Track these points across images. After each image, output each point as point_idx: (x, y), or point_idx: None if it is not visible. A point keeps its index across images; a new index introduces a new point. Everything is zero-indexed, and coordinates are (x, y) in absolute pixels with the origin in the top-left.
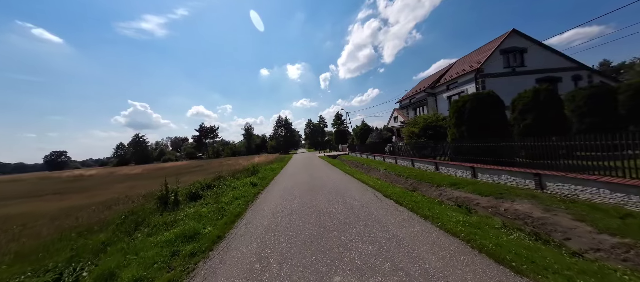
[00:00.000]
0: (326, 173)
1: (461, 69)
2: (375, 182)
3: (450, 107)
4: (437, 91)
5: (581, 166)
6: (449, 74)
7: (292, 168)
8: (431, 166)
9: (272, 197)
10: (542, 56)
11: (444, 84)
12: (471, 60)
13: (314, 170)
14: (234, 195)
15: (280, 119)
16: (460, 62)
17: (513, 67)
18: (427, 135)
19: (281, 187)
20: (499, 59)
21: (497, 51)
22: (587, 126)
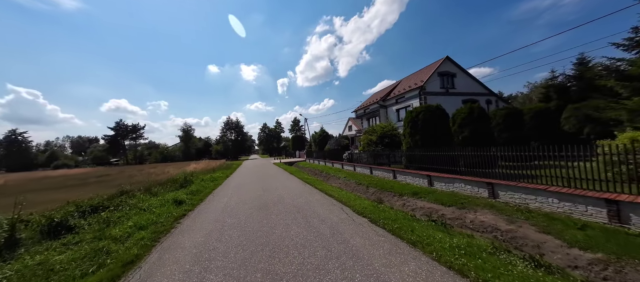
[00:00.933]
0: (283, 183)
1: (407, 86)
2: (339, 193)
3: (405, 117)
4: (388, 104)
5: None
6: (397, 90)
7: (240, 177)
8: (389, 174)
9: (203, 223)
10: (466, 82)
11: (393, 98)
12: (415, 79)
13: (268, 179)
14: (139, 222)
15: (230, 121)
16: (406, 80)
17: (447, 88)
18: (384, 143)
19: (221, 204)
20: (437, 80)
21: (435, 73)
22: (504, 140)
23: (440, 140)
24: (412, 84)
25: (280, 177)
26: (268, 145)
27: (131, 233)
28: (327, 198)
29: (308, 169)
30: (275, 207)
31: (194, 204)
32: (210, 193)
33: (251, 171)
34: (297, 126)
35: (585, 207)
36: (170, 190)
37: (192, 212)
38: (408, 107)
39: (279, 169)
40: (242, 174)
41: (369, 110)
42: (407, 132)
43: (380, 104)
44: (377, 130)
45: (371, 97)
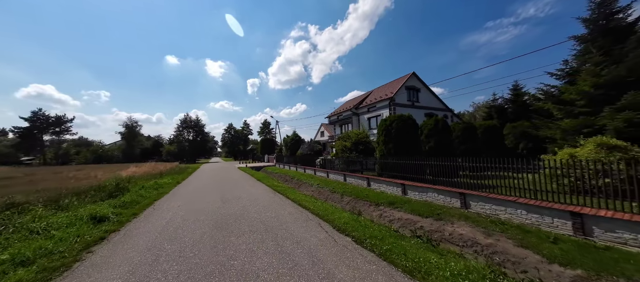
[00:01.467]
0: (248, 191)
1: (379, 96)
2: (314, 204)
3: (379, 125)
4: (360, 112)
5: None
6: (369, 99)
7: (195, 183)
8: (363, 182)
9: (129, 252)
10: (429, 97)
11: (365, 107)
12: (385, 90)
13: (230, 186)
14: (21, 254)
15: (188, 119)
16: (377, 91)
17: (412, 101)
18: (358, 150)
19: (162, 222)
20: (404, 92)
21: (403, 87)
22: (461, 151)
23: (411, 149)
24: (383, 95)
25: (244, 184)
26: (233, 147)
27: (3, 272)
28: (301, 211)
29: (278, 174)
30: (236, 225)
31: (123, 221)
32: (150, 205)
33: (210, 176)
34: (267, 129)
35: (552, 219)
36: (91, 201)
37: (115, 235)
38: (379, 116)
39: (244, 175)
40: (198, 179)
41: (342, 116)
42: (381, 140)
43: (353, 111)
44: (352, 136)
45: (344, 104)
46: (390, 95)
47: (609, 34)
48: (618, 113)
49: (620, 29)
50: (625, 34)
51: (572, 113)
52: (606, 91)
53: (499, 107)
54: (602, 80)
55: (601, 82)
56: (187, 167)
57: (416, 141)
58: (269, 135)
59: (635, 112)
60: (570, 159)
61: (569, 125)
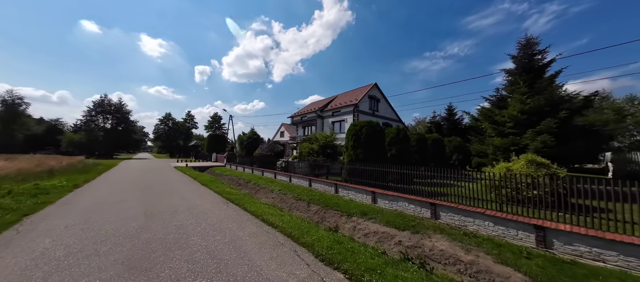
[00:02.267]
0: (189, 201)
1: (344, 102)
2: (279, 217)
3: (348, 130)
4: (325, 115)
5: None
6: (334, 103)
7: (107, 187)
8: (331, 188)
9: None
10: (386, 108)
11: (330, 110)
12: (350, 97)
13: (162, 194)
14: None
15: (107, 102)
16: (342, 96)
17: (373, 110)
18: (326, 153)
19: (23, 261)
20: (367, 101)
21: (366, 95)
22: (415, 160)
23: (379, 156)
24: (348, 101)
25: (184, 189)
26: (170, 142)
27: None
28: (266, 230)
29: (229, 177)
30: (167, 262)
31: None
32: (11, 226)
33: (132, 178)
34: (216, 123)
35: (517, 232)
36: None
37: None
38: (343, 121)
39: (183, 177)
40: (112, 181)
41: (307, 118)
42: (350, 145)
43: (318, 114)
44: (320, 139)
45: (309, 105)
46: (355, 102)
47: (531, 71)
48: (537, 135)
49: (538, 67)
50: (541, 72)
51: (503, 133)
52: (529, 117)
53: (436, 123)
54: (527, 107)
55: (526, 109)
56: (98, 164)
57: (383, 148)
58: (219, 131)
59: (549, 136)
60: (507, 172)
61: (500, 143)
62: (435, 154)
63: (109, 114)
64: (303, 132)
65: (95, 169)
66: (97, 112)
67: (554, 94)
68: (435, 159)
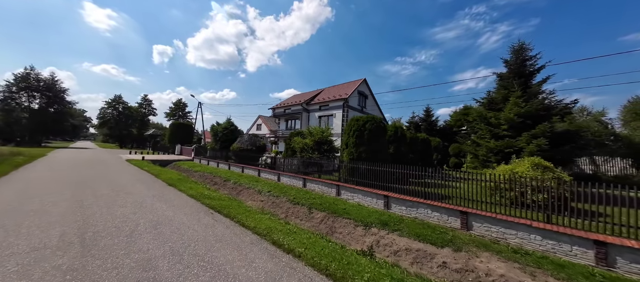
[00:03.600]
0: (153, 213)
1: (332, 95)
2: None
3: (348, 125)
4: (311, 109)
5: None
6: (321, 97)
7: (17, 190)
8: (330, 189)
9: None
10: (373, 105)
11: (317, 104)
12: (339, 91)
13: (107, 204)
14: None
15: (31, 77)
16: (329, 90)
17: (361, 107)
18: (322, 150)
19: None
20: (356, 96)
21: (356, 90)
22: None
23: (382, 154)
24: (337, 95)
25: (143, 192)
26: (120, 130)
27: None
28: (286, 263)
29: (201, 174)
30: None
31: None
32: None
33: (65, 176)
34: (180, 111)
35: (570, 247)
36: None
37: None
38: (331, 116)
39: (140, 173)
40: (32, 180)
41: (290, 111)
42: (351, 142)
43: (304, 107)
44: (315, 134)
45: (292, 97)
46: (345, 97)
47: (522, 75)
48: (533, 139)
49: (529, 73)
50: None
51: (498, 135)
52: (524, 120)
53: (415, 123)
54: (523, 110)
55: (523, 112)
56: (17, 154)
57: (386, 146)
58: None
59: (545, 139)
60: (512, 175)
61: (494, 145)
62: (423, 154)
63: (37, 92)
64: (286, 125)
65: (11, 161)
66: (19, 88)
67: (549, 99)
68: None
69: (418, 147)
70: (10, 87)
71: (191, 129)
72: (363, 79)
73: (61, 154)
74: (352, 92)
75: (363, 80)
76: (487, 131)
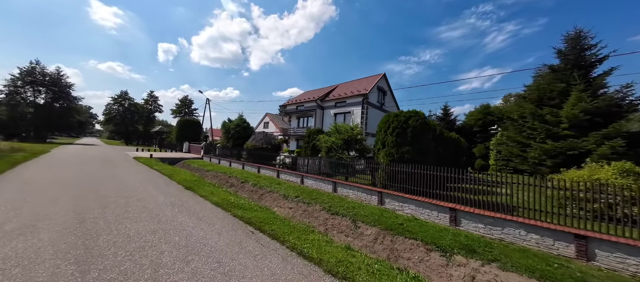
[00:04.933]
0: (175, 231)
1: (349, 91)
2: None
3: (385, 122)
4: (326, 105)
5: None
6: (336, 93)
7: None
8: (370, 197)
9: None
10: (391, 102)
11: (332, 100)
12: (357, 86)
13: (115, 216)
14: None
15: (37, 71)
16: (345, 86)
17: (381, 104)
18: (355, 150)
19: None
20: (376, 92)
21: (375, 86)
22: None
23: (428, 156)
24: (354, 91)
25: (157, 197)
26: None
27: None
28: None
29: (214, 173)
30: None
31: None
32: None
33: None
34: (187, 108)
35: None
36: None
37: None
38: (348, 113)
39: (149, 172)
40: (26, 181)
41: (303, 108)
42: (390, 141)
43: (318, 103)
44: (343, 132)
45: (305, 94)
46: (364, 92)
47: (582, 66)
48: (605, 140)
49: (591, 63)
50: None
51: (557, 135)
52: (593, 117)
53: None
54: (591, 106)
55: (590, 108)
56: (18, 150)
57: (431, 146)
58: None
59: (622, 140)
60: (595, 183)
61: (552, 146)
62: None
63: (42, 86)
64: (297, 123)
65: (9, 158)
66: (25, 82)
67: (623, 93)
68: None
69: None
70: (15, 81)
71: (199, 126)
72: (383, 74)
73: (65, 150)
74: (372, 87)
75: (382, 75)
76: (543, 130)
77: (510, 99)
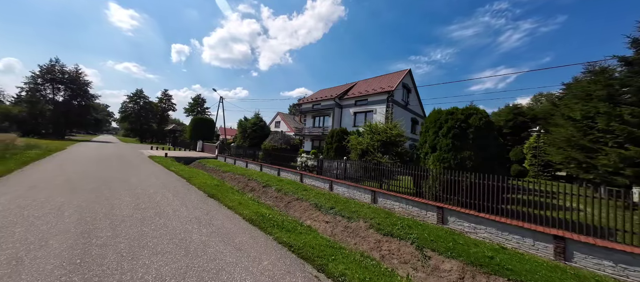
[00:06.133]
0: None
1: (371, 88)
2: None
3: (433, 122)
4: (344, 104)
5: None
6: (355, 91)
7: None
8: (426, 213)
9: None
10: (415, 101)
11: (352, 99)
12: (378, 83)
13: (130, 239)
14: None
15: (56, 68)
16: (364, 84)
17: (406, 102)
18: (394, 152)
19: None
20: (400, 90)
21: (400, 83)
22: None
23: (493, 162)
24: (377, 88)
25: (178, 219)
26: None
27: None
28: None
29: (231, 175)
30: None
31: None
32: None
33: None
34: (199, 107)
35: None
36: None
37: None
38: (370, 112)
39: (166, 176)
40: (34, 182)
41: (320, 106)
42: (443, 145)
43: (336, 102)
44: (380, 132)
45: (321, 92)
46: (389, 89)
47: None
48: None
49: None
50: None
51: None
52: None
53: None
54: None
55: None
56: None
57: (497, 150)
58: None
59: None
60: None
61: (636, 153)
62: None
63: (61, 84)
64: (313, 123)
65: (21, 156)
66: (45, 80)
67: None
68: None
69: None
70: (36, 78)
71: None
72: (408, 70)
73: (81, 148)
74: (397, 84)
75: (407, 71)
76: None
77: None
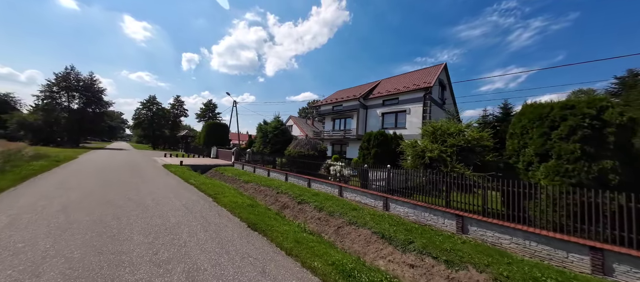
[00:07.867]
0: None
1: (402, 86)
2: None
3: (537, 119)
4: (370, 104)
5: None
6: (385, 89)
7: None
8: (554, 251)
9: None
10: (449, 99)
11: (378, 98)
12: (411, 80)
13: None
14: None
15: (72, 76)
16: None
17: (442, 101)
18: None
19: None
20: (437, 87)
21: (437, 79)
22: None
23: None
24: (410, 85)
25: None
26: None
27: None
28: None
29: (255, 187)
30: None
31: None
32: None
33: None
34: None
35: None
36: None
37: None
38: (404, 112)
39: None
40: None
41: (341, 108)
42: (564, 150)
43: (361, 102)
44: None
45: (341, 92)
46: (427, 86)
47: None
48: None
49: None
50: None
51: None
52: None
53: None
54: None
55: None
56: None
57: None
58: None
59: None
60: None
61: None
62: None
63: (76, 91)
64: (333, 125)
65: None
66: (60, 87)
67: None
68: None
69: None
70: (51, 87)
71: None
72: (443, 65)
73: (93, 156)
74: (434, 80)
75: (443, 65)
76: None
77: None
